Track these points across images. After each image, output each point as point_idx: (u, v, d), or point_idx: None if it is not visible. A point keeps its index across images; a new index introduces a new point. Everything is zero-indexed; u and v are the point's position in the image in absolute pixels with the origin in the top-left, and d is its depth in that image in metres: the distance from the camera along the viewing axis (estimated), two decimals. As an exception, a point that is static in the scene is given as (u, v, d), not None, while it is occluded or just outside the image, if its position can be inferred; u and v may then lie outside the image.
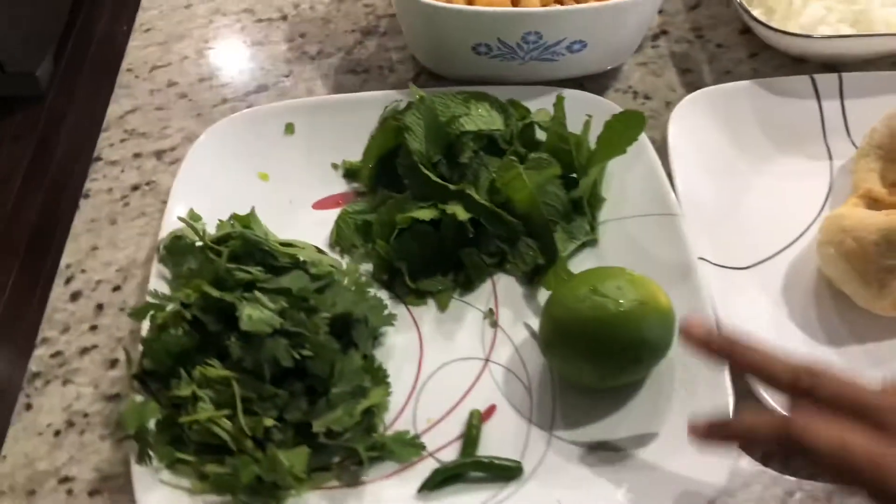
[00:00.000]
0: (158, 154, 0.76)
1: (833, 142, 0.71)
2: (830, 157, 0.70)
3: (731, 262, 0.63)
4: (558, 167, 0.61)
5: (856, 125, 0.71)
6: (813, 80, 0.72)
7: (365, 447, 0.53)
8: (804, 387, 0.43)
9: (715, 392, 0.53)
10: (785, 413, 0.45)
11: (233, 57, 0.84)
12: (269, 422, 0.51)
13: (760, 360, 0.45)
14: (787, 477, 0.54)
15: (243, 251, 0.58)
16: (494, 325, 0.61)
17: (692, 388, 0.54)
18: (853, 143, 0.71)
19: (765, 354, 0.46)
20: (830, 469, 0.41)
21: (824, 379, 0.43)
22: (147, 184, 0.74)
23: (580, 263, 0.63)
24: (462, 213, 0.61)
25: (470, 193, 0.62)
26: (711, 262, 0.61)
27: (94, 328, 0.64)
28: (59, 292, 0.67)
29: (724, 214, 0.66)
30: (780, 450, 0.46)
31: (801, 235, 0.65)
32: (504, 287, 0.63)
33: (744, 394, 0.54)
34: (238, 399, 0.52)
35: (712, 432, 0.46)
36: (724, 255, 0.63)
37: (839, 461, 0.40)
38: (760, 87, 0.72)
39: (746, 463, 0.54)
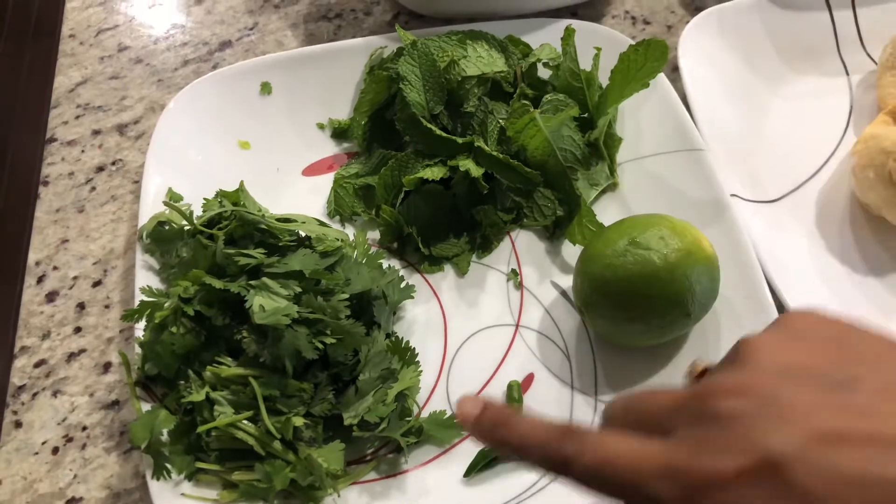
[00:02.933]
0: (120, 128, 0.68)
1: (848, 55, 0.67)
2: (847, 73, 0.67)
3: (759, 195, 0.59)
4: (576, 108, 0.56)
5: (870, 36, 0.67)
6: (822, -11, 0.68)
7: (401, 434, 0.49)
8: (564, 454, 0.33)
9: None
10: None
11: (187, 12, 0.76)
12: (298, 421, 0.47)
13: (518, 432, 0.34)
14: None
15: (240, 233, 0.52)
16: (519, 286, 0.57)
17: (741, 332, 0.51)
18: (869, 56, 0.67)
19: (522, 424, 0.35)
20: (599, 490, 0.32)
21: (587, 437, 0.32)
22: (113, 163, 0.66)
23: (602, 211, 0.59)
24: (475, 169, 0.56)
25: (480, 146, 0.57)
26: (742, 198, 0.57)
27: (78, 330, 0.58)
28: (31, 293, 0.60)
29: (747, 143, 0.62)
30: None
31: (828, 159, 0.62)
32: (524, 244, 0.59)
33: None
34: (260, 399, 0.47)
35: (480, 427, 0.36)
36: (752, 188, 0.59)
37: (602, 480, 0.31)
38: (769, 2, 0.67)
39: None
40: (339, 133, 0.65)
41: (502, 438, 0.35)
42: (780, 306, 0.52)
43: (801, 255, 0.56)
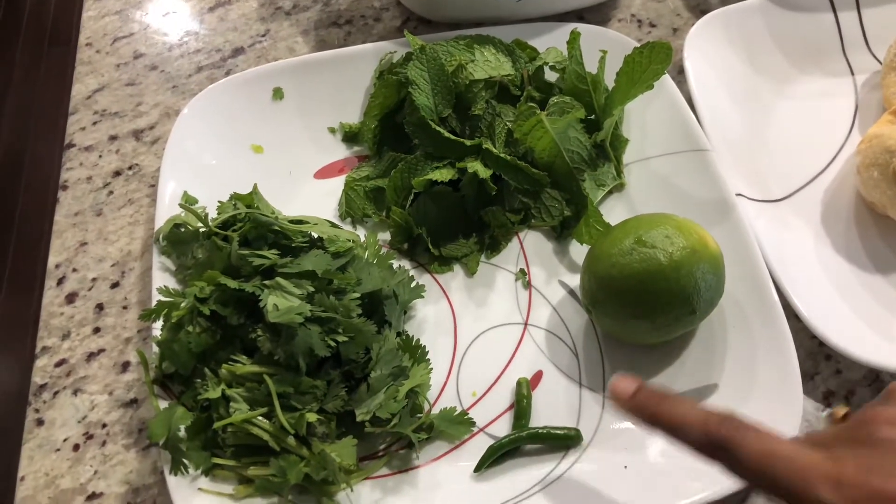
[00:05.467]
0: (136, 134, 0.70)
1: (853, 56, 0.68)
2: (852, 73, 0.67)
3: (764, 194, 0.60)
4: (582, 110, 0.57)
5: (875, 36, 0.68)
6: (827, -9, 0.68)
7: (413, 430, 0.50)
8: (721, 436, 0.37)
9: (772, 330, 0.51)
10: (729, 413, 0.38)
11: (200, 20, 0.77)
12: (312, 416, 0.48)
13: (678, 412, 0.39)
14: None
15: (254, 234, 0.54)
16: (528, 285, 0.58)
17: (748, 330, 0.52)
18: (874, 56, 0.67)
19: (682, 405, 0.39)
20: (754, 479, 0.36)
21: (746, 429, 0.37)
22: (129, 168, 0.68)
23: (609, 211, 0.60)
24: (483, 171, 0.57)
25: (488, 148, 0.58)
26: (747, 197, 0.58)
27: (97, 330, 0.60)
28: (52, 295, 0.62)
29: (752, 144, 0.63)
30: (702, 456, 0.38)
31: (833, 159, 0.62)
32: (532, 244, 0.60)
33: (798, 329, 0.52)
34: (275, 395, 0.48)
35: (637, 405, 0.40)
36: (757, 188, 0.60)
37: (763, 469, 0.35)
38: (773, 4, 0.68)
39: (811, 406, 0.53)
40: (350, 137, 0.66)
41: (658, 416, 0.39)
42: (786, 304, 0.52)
43: (806, 253, 0.57)
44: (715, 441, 0.37)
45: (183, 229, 0.57)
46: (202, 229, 0.56)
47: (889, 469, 0.33)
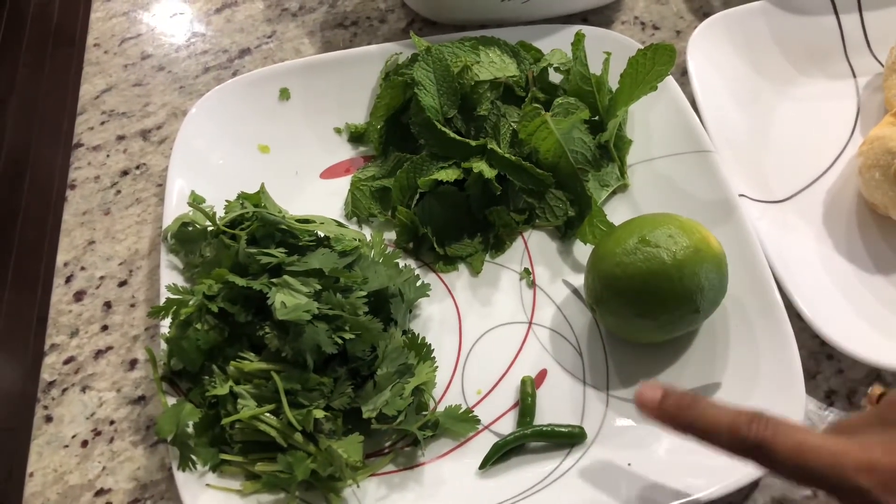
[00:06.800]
0: (144, 134, 0.71)
1: (855, 58, 0.68)
2: (854, 76, 0.68)
3: (768, 195, 0.60)
4: (586, 111, 0.58)
5: (877, 39, 0.68)
6: (829, -5, 0.69)
7: (418, 427, 0.51)
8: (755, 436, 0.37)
9: (774, 329, 0.51)
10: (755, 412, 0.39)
11: (207, 21, 0.78)
12: (319, 413, 0.48)
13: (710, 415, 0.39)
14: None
15: (262, 233, 0.54)
16: (532, 285, 0.58)
17: (750, 329, 0.52)
18: (876, 59, 0.68)
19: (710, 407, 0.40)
20: (789, 474, 0.37)
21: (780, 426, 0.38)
22: (137, 167, 0.69)
23: (612, 211, 0.61)
24: (488, 171, 0.58)
25: (493, 148, 0.59)
26: (750, 198, 0.59)
27: (105, 328, 0.60)
28: (60, 293, 0.62)
29: (755, 145, 0.63)
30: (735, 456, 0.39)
31: (835, 160, 0.63)
32: (536, 244, 0.60)
33: (800, 329, 0.52)
34: (282, 392, 0.49)
35: (664, 412, 0.41)
36: (759, 189, 0.60)
37: (797, 463, 0.36)
38: (776, 7, 0.69)
39: (813, 406, 0.53)
40: (356, 137, 0.67)
41: (689, 421, 0.40)
42: (788, 304, 0.53)
43: (808, 253, 0.57)
44: (747, 442, 0.37)
45: (191, 228, 0.58)
46: (210, 228, 0.57)
47: None
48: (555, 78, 0.65)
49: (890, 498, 0.33)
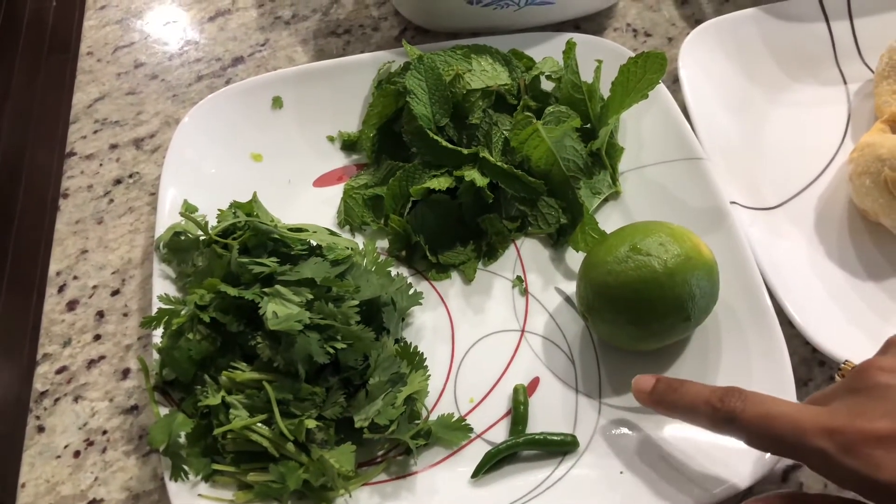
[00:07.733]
0: (137, 143, 0.71)
1: (846, 65, 0.69)
2: (845, 82, 0.68)
3: (758, 202, 0.60)
4: (578, 119, 0.58)
5: (868, 46, 0.69)
6: (820, 1, 0.69)
7: (411, 436, 0.51)
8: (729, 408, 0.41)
9: (766, 336, 0.51)
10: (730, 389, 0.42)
11: (200, 29, 0.78)
12: (311, 423, 0.48)
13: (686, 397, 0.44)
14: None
15: (254, 242, 0.54)
16: (525, 292, 0.59)
17: (742, 336, 0.53)
18: (867, 65, 0.68)
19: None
20: (758, 443, 0.39)
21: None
22: (130, 176, 0.69)
23: (605, 219, 0.61)
24: (480, 179, 0.58)
25: (485, 156, 0.59)
26: (741, 205, 0.59)
27: (97, 338, 0.60)
28: (53, 302, 0.62)
29: (746, 152, 0.63)
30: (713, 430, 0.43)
31: (826, 167, 0.63)
32: (529, 252, 0.61)
33: (791, 336, 0.52)
34: (274, 402, 0.49)
35: (656, 399, 0.46)
36: (751, 196, 0.60)
37: (763, 430, 0.38)
38: (767, 14, 0.69)
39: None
40: (349, 145, 0.67)
41: (674, 402, 0.44)
42: (779, 311, 0.53)
43: (799, 260, 0.57)
44: (720, 413, 0.40)
45: (183, 237, 0.58)
46: (202, 237, 0.57)
47: (877, 411, 0.35)
48: (546, 86, 0.65)
49: (850, 460, 0.35)
